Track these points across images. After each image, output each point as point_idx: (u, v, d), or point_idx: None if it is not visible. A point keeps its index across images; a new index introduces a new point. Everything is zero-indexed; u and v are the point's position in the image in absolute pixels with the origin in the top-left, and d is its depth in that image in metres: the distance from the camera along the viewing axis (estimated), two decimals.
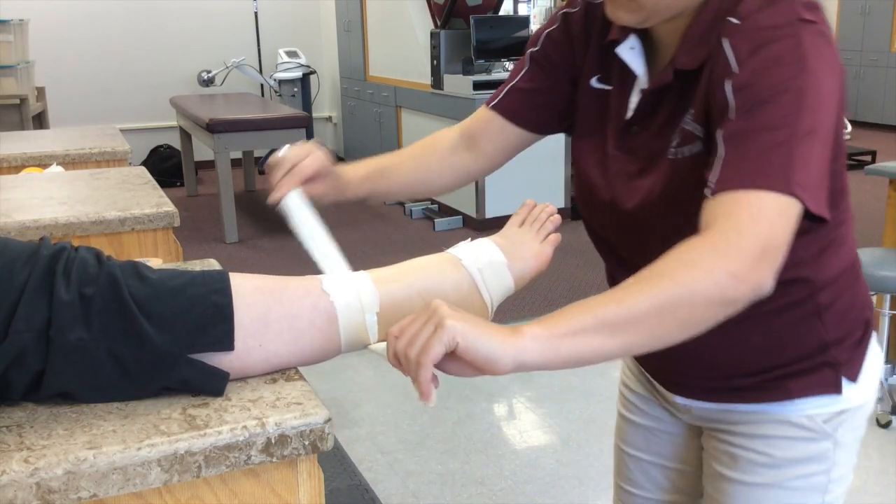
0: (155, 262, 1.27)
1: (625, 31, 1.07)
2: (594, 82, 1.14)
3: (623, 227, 1.12)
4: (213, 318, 0.82)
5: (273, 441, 0.79)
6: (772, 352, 1.10)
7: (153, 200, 1.76)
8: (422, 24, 6.01)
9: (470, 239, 1.07)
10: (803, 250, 0.97)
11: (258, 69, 7.47)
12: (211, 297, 0.83)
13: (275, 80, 7.19)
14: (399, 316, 0.94)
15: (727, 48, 0.94)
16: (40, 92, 6.16)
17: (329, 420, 0.81)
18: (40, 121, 5.82)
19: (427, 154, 1.26)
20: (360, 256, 4.90)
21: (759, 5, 0.94)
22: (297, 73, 7.20)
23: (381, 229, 5.59)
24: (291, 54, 7.26)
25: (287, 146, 1.19)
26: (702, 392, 1.18)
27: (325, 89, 7.94)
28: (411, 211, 5.90)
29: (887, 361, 3.09)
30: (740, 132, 0.89)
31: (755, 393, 1.12)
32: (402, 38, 6.24)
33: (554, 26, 1.18)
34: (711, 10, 0.99)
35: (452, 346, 0.77)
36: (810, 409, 1.11)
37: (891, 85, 9.11)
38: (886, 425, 2.89)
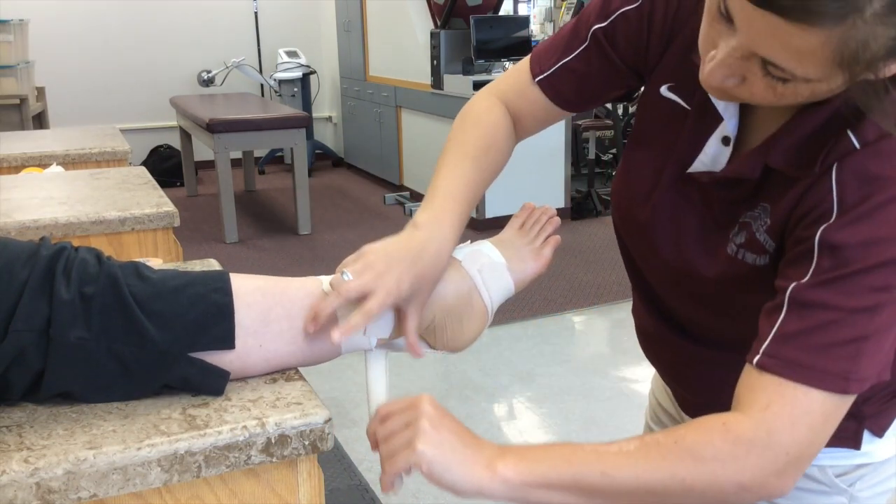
0: (155, 262, 1.27)
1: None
2: (665, 90, 0.95)
3: (649, 260, 1.01)
4: (214, 318, 0.82)
5: (273, 441, 0.79)
6: None
7: (153, 200, 1.76)
8: (422, 24, 6.01)
9: (470, 241, 1.07)
10: None
11: (258, 69, 7.47)
12: (211, 297, 0.83)
13: (275, 80, 7.19)
14: (396, 318, 0.94)
15: (834, 179, 0.78)
16: (40, 92, 6.16)
17: (329, 420, 0.81)
18: (40, 121, 5.82)
19: (494, 161, 1.06)
20: None
21: (889, 128, 0.76)
22: (297, 73, 7.20)
23: (380, 229, 5.59)
24: (291, 54, 7.26)
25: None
26: None
27: (325, 89, 7.94)
28: (411, 211, 5.90)
29: None
30: (812, 303, 0.76)
31: None
32: (402, 38, 6.24)
33: (633, 5, 0.96)
34: (828, 110, 0.79)
35: (417, 470, 0.80)
36: (823, 459, 0.98)
37: None
38: None
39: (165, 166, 7.03)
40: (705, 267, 0.91)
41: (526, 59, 1.07)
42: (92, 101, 7.15)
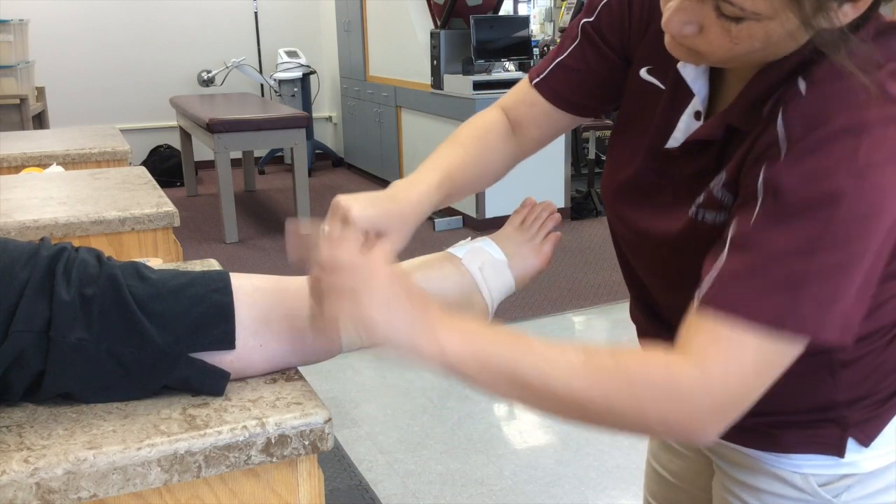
0: (155, 262, 1.27)
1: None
2: (644, 73, 0.97)
3: (633, 243, 1.01)
4: (214, 318, 0.82)
5: (273, 441, 0.79)
6: (770, 396, 0.84)
7: (153, 200, 1.76)
8: (422, 24, 6.01)
9: (470, 238, 1.07)
10: None
11: (258, 69, 7.47)
12: (212, 297, 0.83)
13: (275, 80, 7.19)
14: None
15: (780, 120, 0.77)
16: (40, 92, 6.16)
17: (329, 420, 0.81)
18: (40, 121, 5.82)
19: (483, 148, 1.07)
20: None
21: (837, 72, 0.74)
22: (297, 73, 7.20)
23: None
24: (291, 54, 7.26)
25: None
26: None
27: (325, 89, 7.94)
28: None
29: None
30: (751, 242, 0.75)
31: (751, 436, 0.96)
32: (402, 38, 6.24)
33: None
34: (789, 65, 0.79)
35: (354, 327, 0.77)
36: (806, 467, 0.95)
37: None
38: None
39: (165, 166, 7.03)
40: (668, 232, 0.91)
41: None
42: (92, 101, 7.15)
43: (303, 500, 0.84)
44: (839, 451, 0.93)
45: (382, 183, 6.84)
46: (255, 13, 7.55)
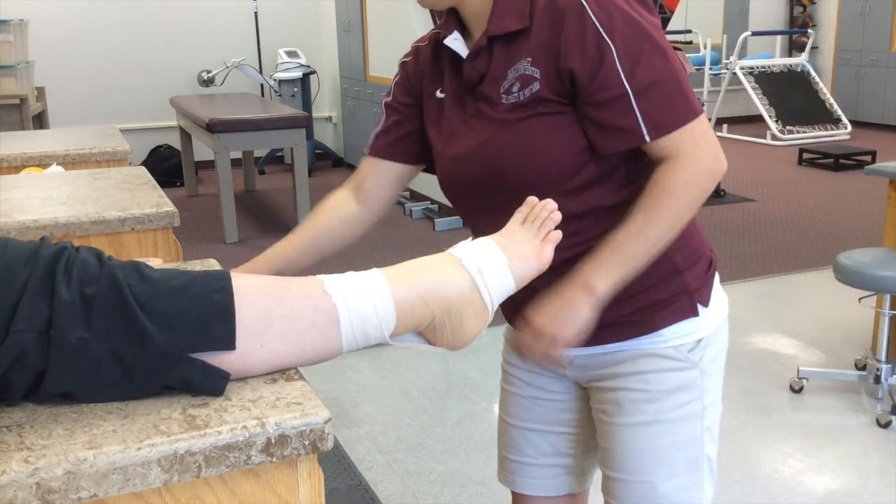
0: (155, 262, 1.27)
1: (449, 29, 1.25)
2: (438, 93, 1.31)
3: (488, 191, 1.24)
4: (215, 318, 0.82)
5: (273, 441, 0.79)
6: (634, 282, 1.21)
7: (153, 200, 1.76)
8: (422, 24, 6.01)
9: (470, 238, 1.06)
10: (637, 172, 1.21)
11: (258, 69, 7.47)
12: (213, 297, 0.83)
13: (275, 80, 7.19)
14: (398, 317, 0.94)
15: (592, 16, 1.12)
16: (40, 92, 6.16)
17: (329, 420, 0.81)
18: (40, 121, 5.82)
19: (323, 229, 1.38)
20: (360, 256, 4.90)
21: None
22: (297, 73, 7.20)
23: (380, 229, 5.59)
24: (291, 54, 7.26)
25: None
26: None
27: (325, 89, 7.94)
28: (411, 211, 5.90)
29: (887, 361, 3.09)
30: (641, 91, 1.13)
31: (626, 328, 1.26)
32: (402, 38, 6.24)
33: (396, 76, 1.41)
34: None
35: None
36: (675, 339, 1.26)
37: (891, 85, 9.11)
38: (886, 425, 2.89)
39: (165, 166, 7.03)
40: (498, 129, 1.20)
41: None
42: (92, 101, 7.16)
43: (303, 500, 0.84)
44: (694, 312, 1.26)
45: None
46: (255, 13, 7.55)
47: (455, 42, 1.26)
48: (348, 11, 7.08)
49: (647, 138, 1.14)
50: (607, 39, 1.12)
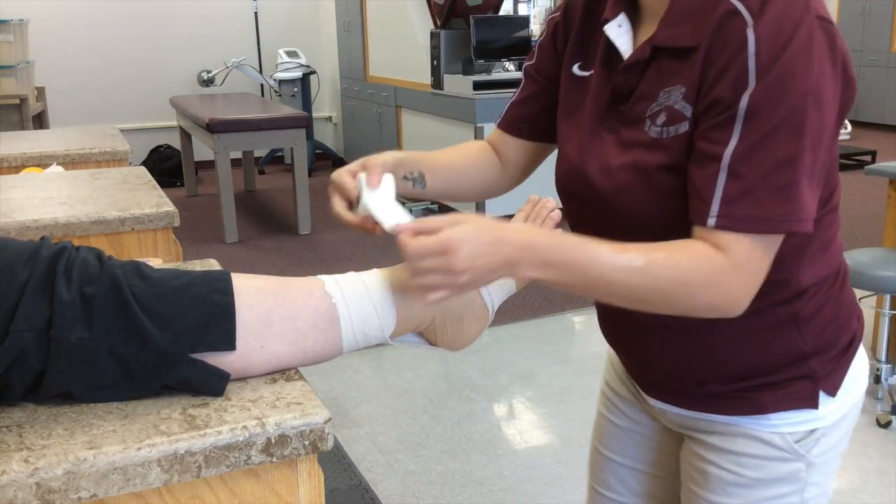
0: (155, 262, 1.27)
1: (616, 10, 1.04)
2: (576, 69, 1.12)
3: (600, 212, 1.06)
4: (216, 318, 0.82)
5: (273, 441, 0.79)
6: (745, 358, 1.05)
7: (153, 200, 1.76)
8: (422, 24, 6.01)
9: None
10: (783, 251, 0.95)
11: (258, 69, 7.47)
12: (213, 297, 0.83)
13: (275, 80, 7.19)
14: (399, 317, 0.94)
15: (751, 47, 0.88)
16: (40, 92, 6.16)
17: (329, 420, 0.81)
18: (40, 121, 5.82)
19: (465, 167, 1.23)
20: (361, 256, 4.90)
21: None
22: (297, 73, 7.19)
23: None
24: (291, 54, 7.26)
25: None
26: (677, 397, 1.13)
27: (325, 89, 7.94)
28: (411, 210, 5.89)
29: (887, 361, 3.09)
30: (745, 160, 0.89)
31: (729, 403, 1.07)
32: (402, 38, 6.24)
33: (542, 36, 1.20)
34: None
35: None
36: (783, 426, 1.06)
37: (891, 85, 9.11)
38: (886, 425, 2.89)
39: (165, 166, 7.03)
40: (635, 161, 1.00)
41: None
42: (92, 101, 7.16)
43: (303, 500, 0.84)
44: (813, 403, 1.05)
45: None
46: (255, 13, 7.55)
47: (617, 30, 1.04)
48: (348, 11, 7.08)
49: (711, 222, 0.91)
50: (752, 78, 0.88)
